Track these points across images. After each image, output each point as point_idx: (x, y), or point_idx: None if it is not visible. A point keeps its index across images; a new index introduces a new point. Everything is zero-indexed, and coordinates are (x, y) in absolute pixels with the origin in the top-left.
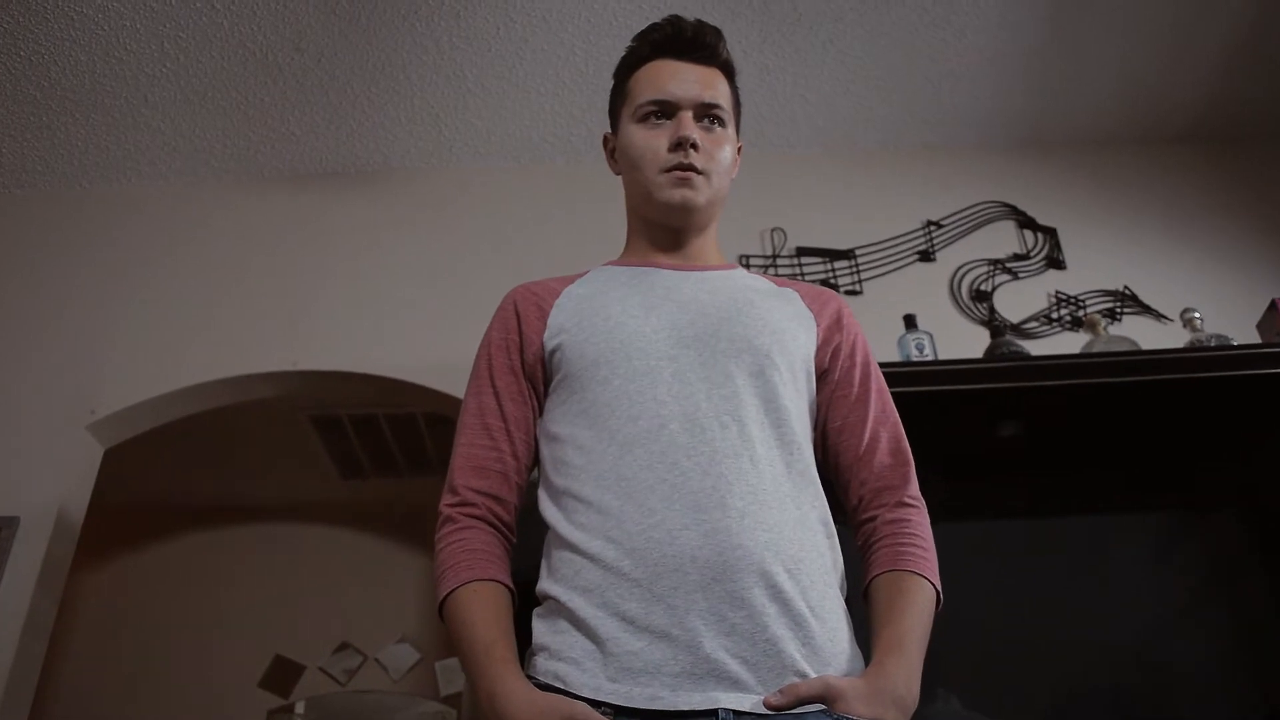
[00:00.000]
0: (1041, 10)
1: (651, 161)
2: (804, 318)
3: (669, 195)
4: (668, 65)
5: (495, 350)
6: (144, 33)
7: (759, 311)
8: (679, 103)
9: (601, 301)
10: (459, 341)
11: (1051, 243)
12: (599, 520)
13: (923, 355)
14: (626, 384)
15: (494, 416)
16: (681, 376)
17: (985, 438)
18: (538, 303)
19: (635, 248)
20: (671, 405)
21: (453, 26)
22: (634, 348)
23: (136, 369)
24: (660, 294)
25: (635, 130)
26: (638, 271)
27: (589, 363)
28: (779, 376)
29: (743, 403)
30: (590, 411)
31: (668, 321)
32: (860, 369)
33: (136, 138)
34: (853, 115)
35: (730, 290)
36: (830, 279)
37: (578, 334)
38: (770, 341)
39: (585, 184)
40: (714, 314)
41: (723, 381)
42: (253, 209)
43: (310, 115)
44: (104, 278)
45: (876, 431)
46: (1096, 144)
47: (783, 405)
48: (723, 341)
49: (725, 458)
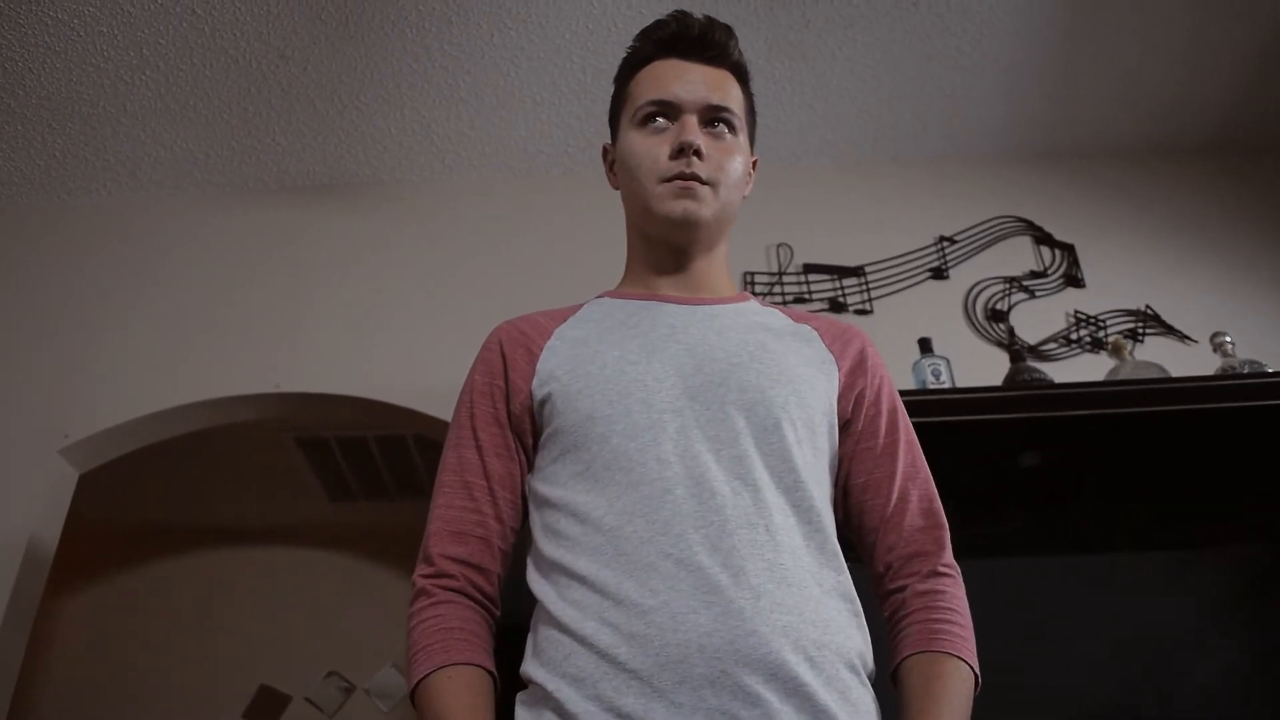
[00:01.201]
0: (1058, 18)
1: (650, 170)
2: (824, 361)
3: (669, 208)
4: (672, 65)
5: (478, 397)
6: (121, 40)
7: (773, 356)
8: (682, 105)
9: (597, 344)
10: (450, 363)
11: (1069, 259)
12: (594, 600)
13: (939, 381)
14: (626, 442)
15: (475, 473)
16: (687, 432)
17: (1005, 468)
18: (526, 344)
19: (635, 273)
20: (677, 467)
21: (444, 33)
22: (634, 399)
23: (112, 391)
24: (663, 334)
25: (634, 136)
26: (638, 306)
27: (583, 417)
28: (794, 433)
29: (754, 464)
30: (585, 473)
31: (672, 367)
32: (886, 417)
33: (116, 148)
34: (863, 126)
35: (742, 330)
36: (838, 297)
37: (571, 382)
38: (785, 393)
39: (584, 197)
40: (723, 359)
41: (732, 439)
42: (236, 223)
43: (296, 126)
44: (79, 294)
45: (905, 489)
46: (1115, 155)
47: (798, 466)
48: (732, 392)
49: (738, 528)
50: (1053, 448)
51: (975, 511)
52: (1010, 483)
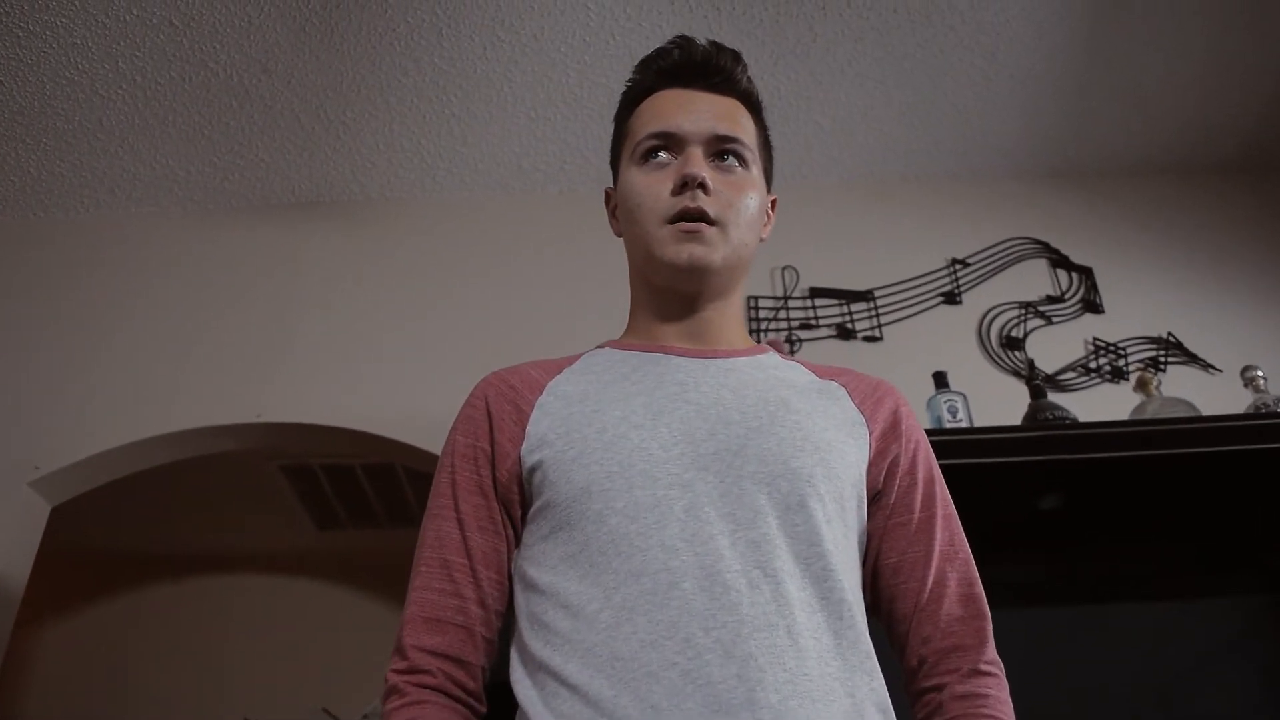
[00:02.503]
0: (1078, 32)
1: (651, 209)
2: (854, 423)
3: (673, 253)
4: (675, 94)
5: (460, 462)
6: (96, 52)
7: (797, 418)
8: (686, 136)
9: (596, 402)
10: (441, 392)
11: (1087, 283)
12: (586, 714)
13: (956, 420)
14: (626, 523)
15: (456, 550)
16: (698, 512)
17: (1024, 511)
18: (514, 401)
19: (639, 323)
20: (685, 554)
21: (435, 46)
22: (637, 471)
23: (85, 421)
24: (671, 391)
25: (634, 173)
26: (643, 359)
27: (578, 490)
28: (823, 511)
29: (776, 550)
30: (579, 557)
31: (681, 432)
32: (923, 489)
33: (93, 165)
34: (872, 143)
35: (760, 387)
36: (846, 323)
37: (564, 449)
38: (812, 463)
39: (581, 215)
40: (739, 422)
41: (751, 519)
42: (217, 243)
43: (280, 141)
44: (52, 318)
45: (943, 573)
46: (1134, 174)
47: (827, 551)
48: (751, 462)
49: (756, 631)
50: (1076, 490)
51: (991, 556)
52: (1029, 526)
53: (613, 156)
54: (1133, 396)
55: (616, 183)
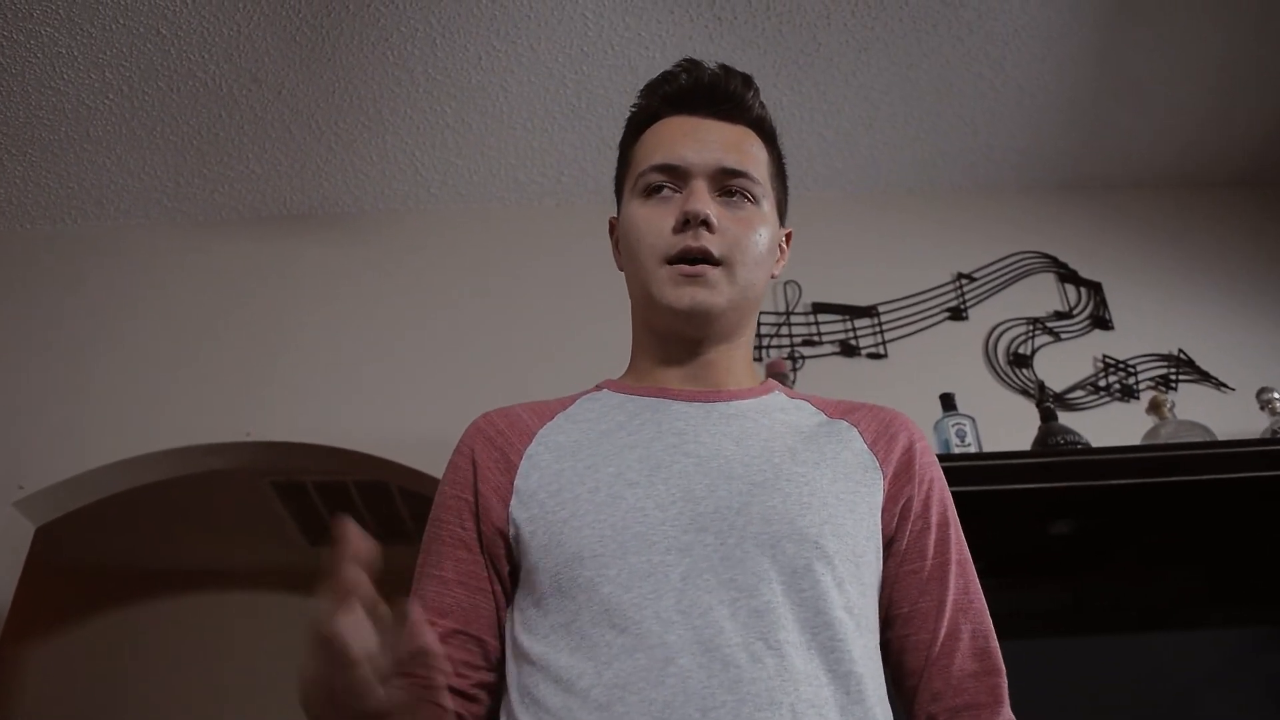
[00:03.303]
0: (1088, 43)
1: (651, 247)
2: (866, 468)
3: (673, 296)
4: (681, 122)
5: (446, 514)
6: (81, 61)
7: (804, 471)
8: (690, 168)
9: (589, 455)
10: (434, 411)
11: (1096, 299)
12: None
13: (964, 444)
14: (620, 592)
15: (439, 611)
16: (696, 579)
17: (1034, 538)
18: (502, 449)
19: (640, 363)
20: (681, 627)
21: (428, 56)
22: (631, 534)
23: (69, 440)
24: (670, 443)
25: (635, 207)
26: (641, 405)
27: (569, 556)
28: (831, 575)
29: (780, 619)
30: (571, 627)
31: (679, 490)
32: (936, 532)
33: (80, 176)
34: (876, 155)
35: (765, 435)
36: (850, 339)
37: (554, 509)
38: (820, 520)
39: (579, 229)
40: (742, 476)
41: (753, 586)
42: (208, 255)
43: (272, 153)
44: (37, 333)
45: (956, 624)
46: (1144, 188)
47: (836, 619)
48: (754, 522)
49: (758, 710)
50: (1088, 516)
51: (999, 583)
52: (1039, 552)
53: (616, 185)
54: (1144, 417)
55: (619, 213)
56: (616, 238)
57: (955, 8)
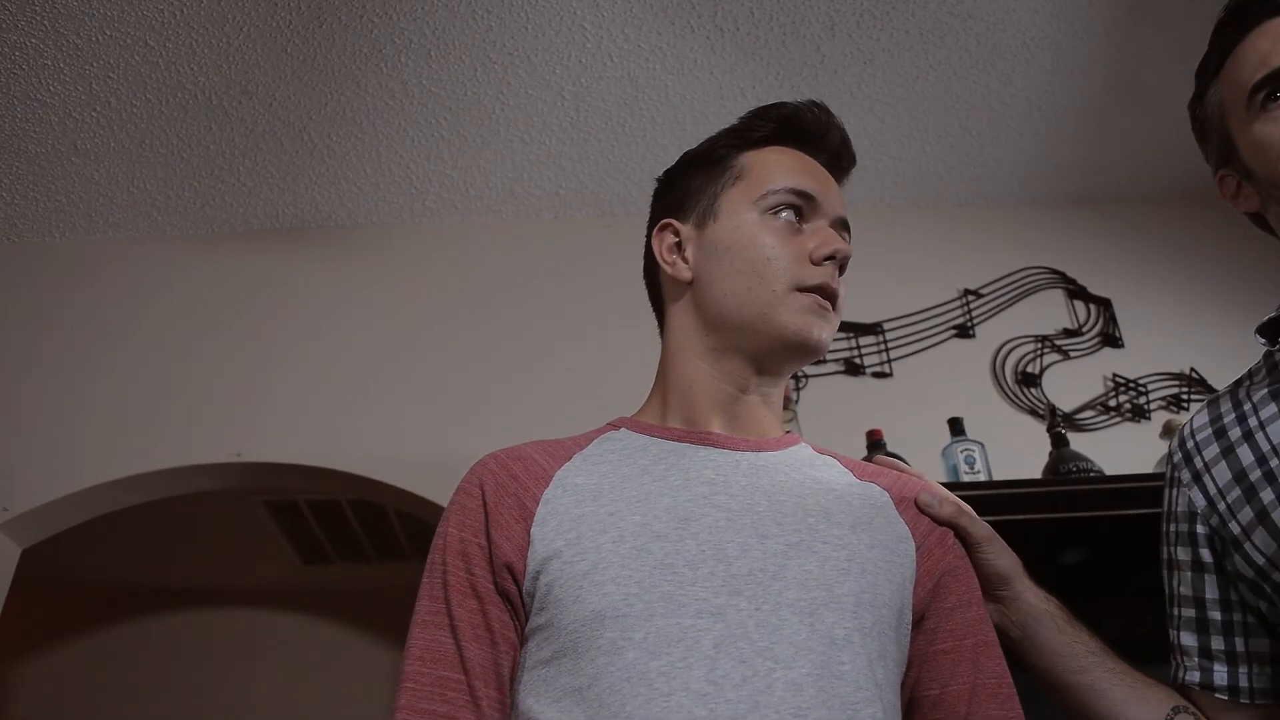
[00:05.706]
0: (1097, 55)
1: (784, 270)
2: (899, 538)
3: (802, 324)
4: (805, 157)
5: (451, 559)
6: (68, 73)
7: (840, 534)
8: (825, 206)
9: (612, 502)
10: (430, 432)
11: (1106, 316)
12: None
13: (973, 471)
14: (646, 659)
15: (450, 665)
16: (730, 648)
17: (1044, 566)
18: (516, 494)
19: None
20: (715, 701)
21: (423, 68)
22: (660, 594)
23: (55, 460)
24: (700, 492)
25: (766, 221)
26: (665, 449)
27: (590, 614)
28: (867, 649)
29: (819, 696)
30: (587, 693)
31: (711, 546)
32: (971, 610)
33: (67, 189)
34: (881, 169)
35: (797, 491)
36: (854, 358)
37: (575, 559)
38: (860, 588)
39: (578, 243)
40: (776, 536)
41: (791, 658)
42: (198, 269)
43: (263, 166)
44: (21, 350)
45: (988, 712)
46: (1155, 202)
47: (870, 698)
48: (790, 587)
49: None
50: (1101, 545)
51: None
52: (1048, 581)
53: (690, 186)
54: (1157, 440)
55: (697, 218)
56: (676, 241)
57: (963, 19)
